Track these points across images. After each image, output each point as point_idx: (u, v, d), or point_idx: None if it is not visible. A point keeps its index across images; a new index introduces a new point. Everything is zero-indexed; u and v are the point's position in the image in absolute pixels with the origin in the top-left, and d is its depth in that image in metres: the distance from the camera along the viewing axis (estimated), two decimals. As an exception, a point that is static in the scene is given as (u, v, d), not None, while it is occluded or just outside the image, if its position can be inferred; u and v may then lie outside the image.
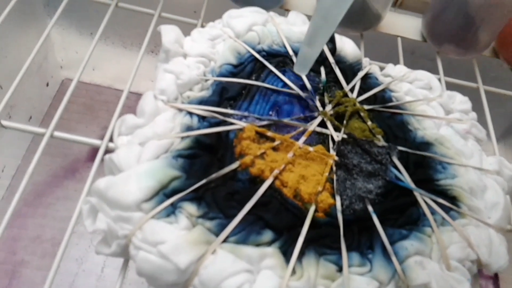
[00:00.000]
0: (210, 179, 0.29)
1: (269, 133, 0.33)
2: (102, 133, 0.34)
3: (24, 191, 0.31)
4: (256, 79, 0.37)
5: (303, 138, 0.33)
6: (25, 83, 0.64)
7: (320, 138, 0.34)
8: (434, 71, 0.45)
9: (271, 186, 0.30)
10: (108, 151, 0.33)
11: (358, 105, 0.37)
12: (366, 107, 0.37)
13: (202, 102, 0.34)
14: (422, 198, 0.31)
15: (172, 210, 0.27)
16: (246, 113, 0.34)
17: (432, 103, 0.39)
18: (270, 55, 0.39)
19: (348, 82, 0.39)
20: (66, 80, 0.76)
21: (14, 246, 0.57)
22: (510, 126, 0.69)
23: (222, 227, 0.27)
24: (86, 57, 0.40)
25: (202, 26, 0.44)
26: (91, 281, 0.55)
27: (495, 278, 0.64)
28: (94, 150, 0.34)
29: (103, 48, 0.73)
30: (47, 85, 0.72)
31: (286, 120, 0.34)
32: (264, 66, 0.37)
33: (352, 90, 0.38)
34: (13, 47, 0.59)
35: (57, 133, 0.34)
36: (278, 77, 0.37)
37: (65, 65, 0.76)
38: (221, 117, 0.33)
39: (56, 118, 0.35)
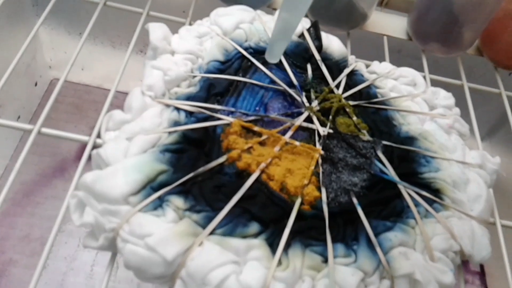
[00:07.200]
0: (197, 173, 0.29)
1: (256, 128, 0.33)
2: (90, 132, 0.34)
3: (12, 189, 0.31)
4: (243, 76, 0.37)
5: (289, 133, 0.34)
6: (13, 83, 0.64)
7: (306, 133, 0.35)
8: (421, 69, 0.45)
9: (257, 180, 0.30)
10: (96, 146, 0.33)
11: (343, 101, 0.37)
12: (351, 103, 0.38)
13: (189, 98, 0.34)
14: (406, 190, 0.32)
15: (159, 204, 0.27)
16: (233, 109, 0.34)
17: (416, 99, 0.39)
18: (257, 52, 0.39)
19: (334, 79, 0.39)
20: (55, 80, 0.76)
21: (2, 245, 0.57)
22: (495, 124, 0.70)
23: (209, 219, 0.27)
24: (73, 56, 0.40)
25: (190, 25, 0.44)
26: (80, 279, 0.55)
27: (482, 273, 0.65)
28: (83, 149, 0.33)
29: (92, 48, 0.73)
30: (36, 85, 0.72)
31: (272, 116, 0.34)
32: (251, 63, 0.38)
33: (338, 86, 0.39)
34: (1, 47, 0.59)
35: (44, 130, 0.34)
36: (265, 74, 0.37)
37: (54, 65, 0.75)
38: (208, 113, 0.33)
39: (44, 114, 0.35)
